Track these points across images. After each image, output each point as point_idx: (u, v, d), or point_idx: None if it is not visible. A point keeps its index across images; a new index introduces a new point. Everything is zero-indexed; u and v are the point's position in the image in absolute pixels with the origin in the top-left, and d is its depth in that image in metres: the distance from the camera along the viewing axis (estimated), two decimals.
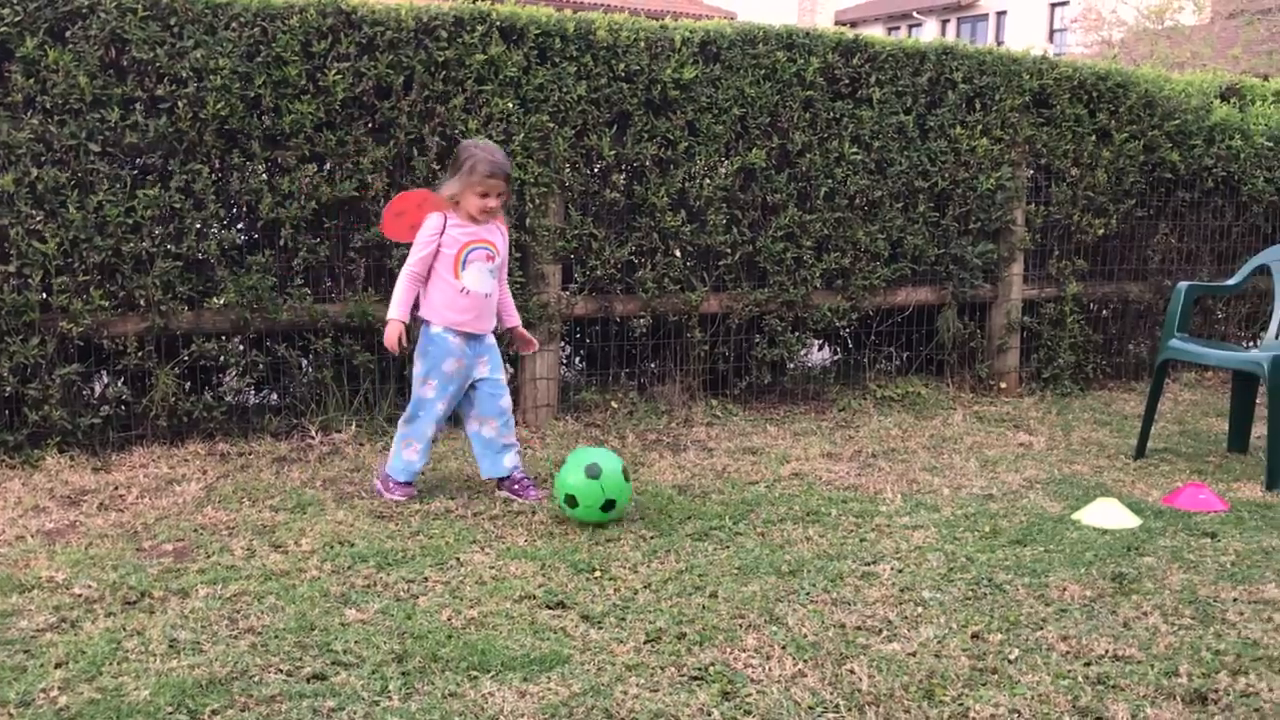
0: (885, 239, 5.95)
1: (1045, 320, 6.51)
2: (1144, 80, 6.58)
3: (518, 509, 4.10)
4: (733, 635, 3.01)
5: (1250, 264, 5.27)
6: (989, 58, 6.08)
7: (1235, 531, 4.02)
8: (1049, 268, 6.50)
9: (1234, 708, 2.65)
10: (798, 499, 4.33)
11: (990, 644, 3.01)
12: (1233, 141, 6.80)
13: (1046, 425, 5.74)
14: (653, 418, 5.48)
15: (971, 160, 6.09)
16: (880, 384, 6.21)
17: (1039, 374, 6.56)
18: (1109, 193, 6.50)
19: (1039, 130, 6.26)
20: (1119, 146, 6.46)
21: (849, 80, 5.76)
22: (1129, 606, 3.29)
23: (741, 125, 5.55)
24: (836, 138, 5.74)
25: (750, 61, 5.50)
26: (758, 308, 5.74)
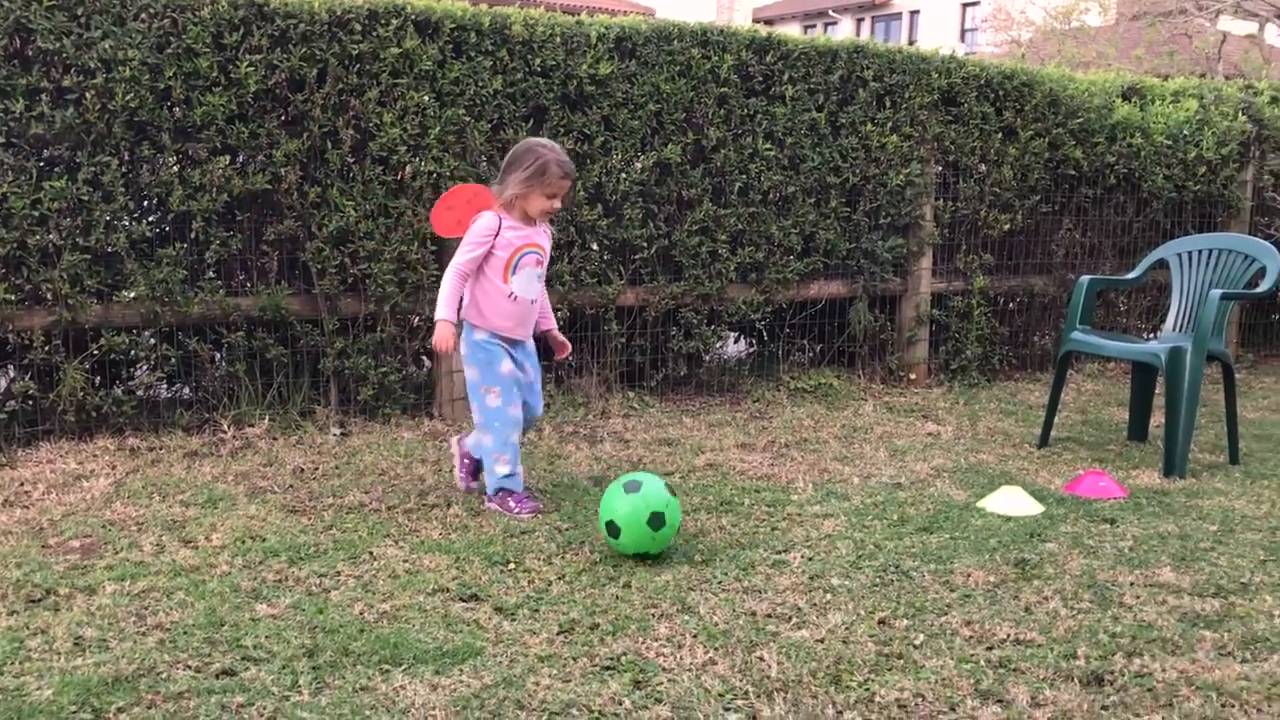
0: (798, 233, 6.04)
1: (953, 313, 6.66)
2: (1049, 79, 6.75)
3: (432, 503, 4.10)
4: (645, 625, 3.05)
5: (1149, 258, 5.44)
6: (899, 56, 6.20)
7: (1133, 517, 4.16)
8: (957, 262, 6.65)
9: (1128, 688, 2.76)
10: (712, 489, 4.38)
11: (896, 629, 3.09)
12: (1134, 139, 7.01)
13: (954, 415, 5.88)
14: (570, 410, 5.50)
15: (882, 157, 6.20)
16: (794, 376, 6.30)
17: (947, 365, 6.71)
18: (1015, 189, 6.67)
19: (947, 128, 6.39)
20: (1024, 144, 6.62)
21: (763, 77, 5.83)
22: (1030, 591, 3.39)
23: (657, 121, 5.59)
24: (750, 134, 5.81)
25: (665, 58, 5.55)
26: (674, 301, 5.79)
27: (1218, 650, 2.99)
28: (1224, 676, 2.81)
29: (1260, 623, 3.18)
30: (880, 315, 6.50)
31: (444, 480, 4.38)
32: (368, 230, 5.01)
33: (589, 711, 2.56)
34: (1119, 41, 21.52)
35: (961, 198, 6.56)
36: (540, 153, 3.88)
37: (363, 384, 5.12)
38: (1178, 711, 2.63)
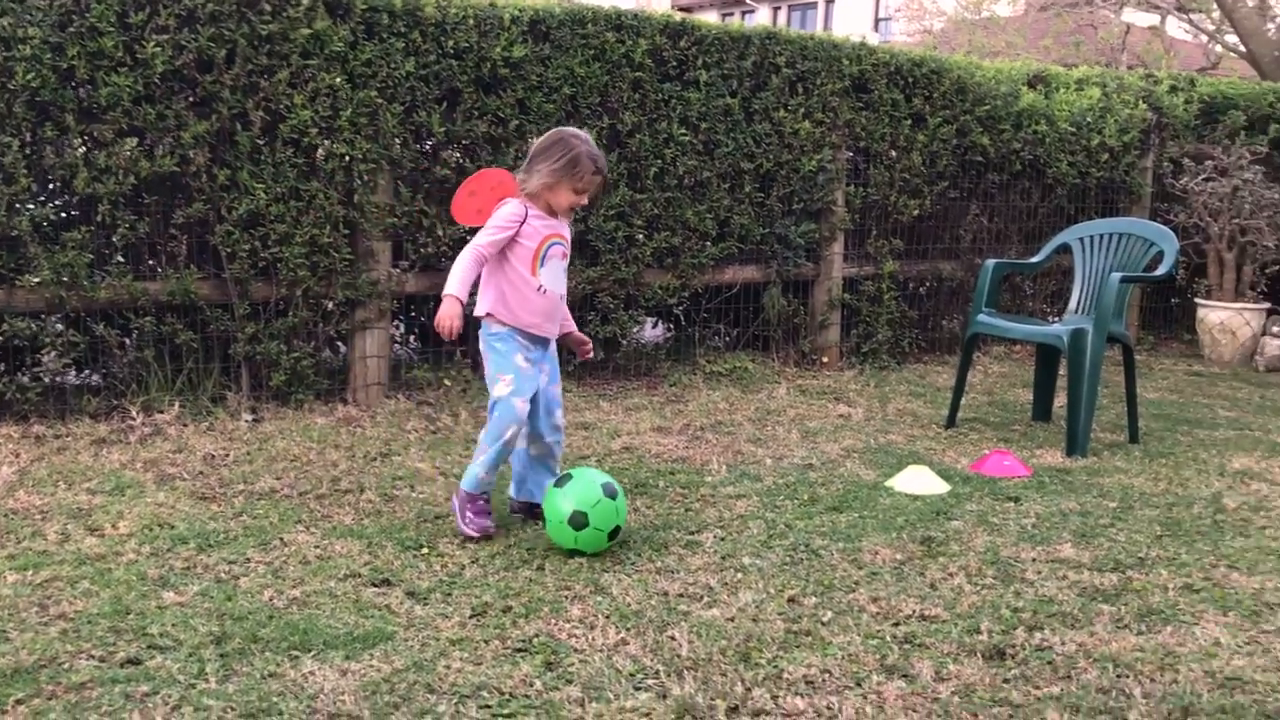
0: (713, 218, 6.08)
1: (864, 297, 6.76)
2: (956, 67, 6.87)
3: (344, 488, 4.07)
4: (558, 607, 3.07)
5: (1053, 242, 5.58)
6: (810, 43, 6.26)
7: (1036, 495, 4.28)
8: (867, 247, 6.75)
9: (1029, 661, 2.84)
10: (627, 472, 4.41)
11: (805, 607, 3.14)
12: (1039, 126, 7.17)
13: (865, 397, 5.98)
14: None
15: (794, 143, 6.26)
16: (710, 360, 6.35)
17: (858, 349, 6.81)
18: (923, 175, 6.79)
19: (858, 114, 6.48)
20: (933, 130, 6.74)
21: (677, 62, 5.86)
22: (936, 568, 3.47)
23: (572, 104, 5.59)
24: (665, 119, 5.84)
25: (580, 41, 5.54)
26: (590, 286, 5.80)
27: (1115, 623, 3.09)
28: (1120, 648, 2.91)
29: (1155, 596, 3.29)
30: (794, 300, 6.57)
31: (357, 466, 4.35)
32: (279, 213, 4.94)
33: (499, 693, 2.57)
34: (1027, 31, 21.91)
35: (872, 183, 6.66)
36: (573, 144, 3.63)
37: (275, 369, 5.06)
38: (1076, 683, 2.72)
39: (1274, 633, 3.05)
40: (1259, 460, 4.92)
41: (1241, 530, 3.93)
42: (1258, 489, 4.47)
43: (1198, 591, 3.34)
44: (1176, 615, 3.15)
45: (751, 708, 2.55)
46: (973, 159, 7.01)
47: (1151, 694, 2.66)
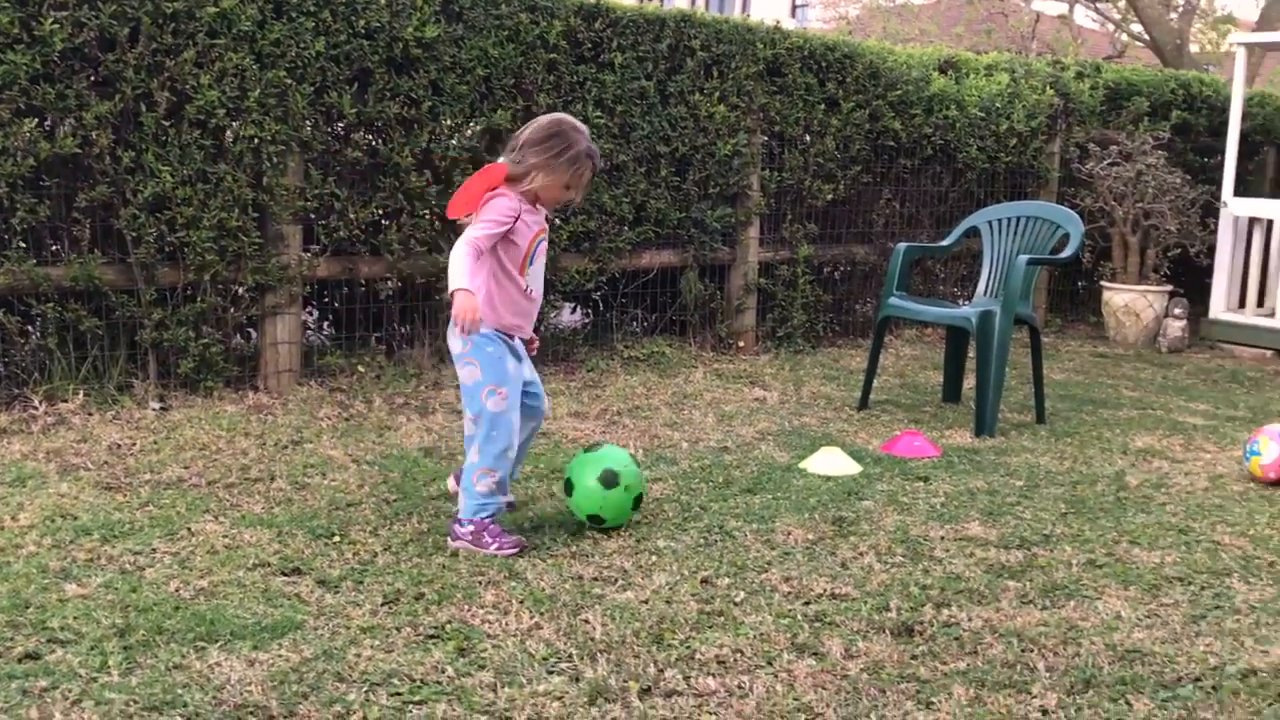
0: (630, 203, 6.08)
1: (780, 282, 6.82)
2: (869, 52, 6.94)
3: (254, 476, 4.00)
4: (471, 593, 3.05)
5: (962, 226, 5.68)
6: (725, 26, 6.28)
7: (945, 475, 4.36)
8: (783, 231, 6.80)
9: (937, 638, 2.89)
10: (543, 457, 4.40)
11: (719, 588, 3.17)
12: (949, 112, 7.28)
13: (780, 381, 6.03)
14: (401, 381, 5.43)
15: (710, 126, 6.28)
16: (627, 345, 6.35)
17: (774, 333, 6.87)
18: (837, 159, 6.85)
19: (773, 98, 6.51)
20: (846, 115, 6.80)
21: (592, 44, 5.83)
22: (847, 548, 3.52)
23: (486, 86, 5.54)
24: (581, 101, 5.81)
25: (493, 22, 5.49)
26: None
27: (1020, 599, 3.16)
28: (1025, 623, 2.98)
29: (1059, 572, 3.37)
30: (710, 284, 6.60)
31: (267, 454, 4.28)
32: (186, 196, 4.83)
33: (411, 680, 2.55)
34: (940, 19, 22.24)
35: (787, 168, 6.70)
36: (574, 139, 3.44)
37: (183, 356, 4.94)
38: (981, 658, 2.78)
39: (1172, 606, 3.14)
40: (1160, 438, 5.06)
41: (1143, 507, 4.04)
42: (1159, 466, 4.59)
43: (1100, 567, 3.43)
44: (1080, 590, 3.23)
45: (664, 689, 2.56)
46: (885, 144, 7.10)
47: (1055, 667, 2.73)
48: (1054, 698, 2.57)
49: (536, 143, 3.44)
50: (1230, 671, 2.72)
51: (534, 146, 3.43)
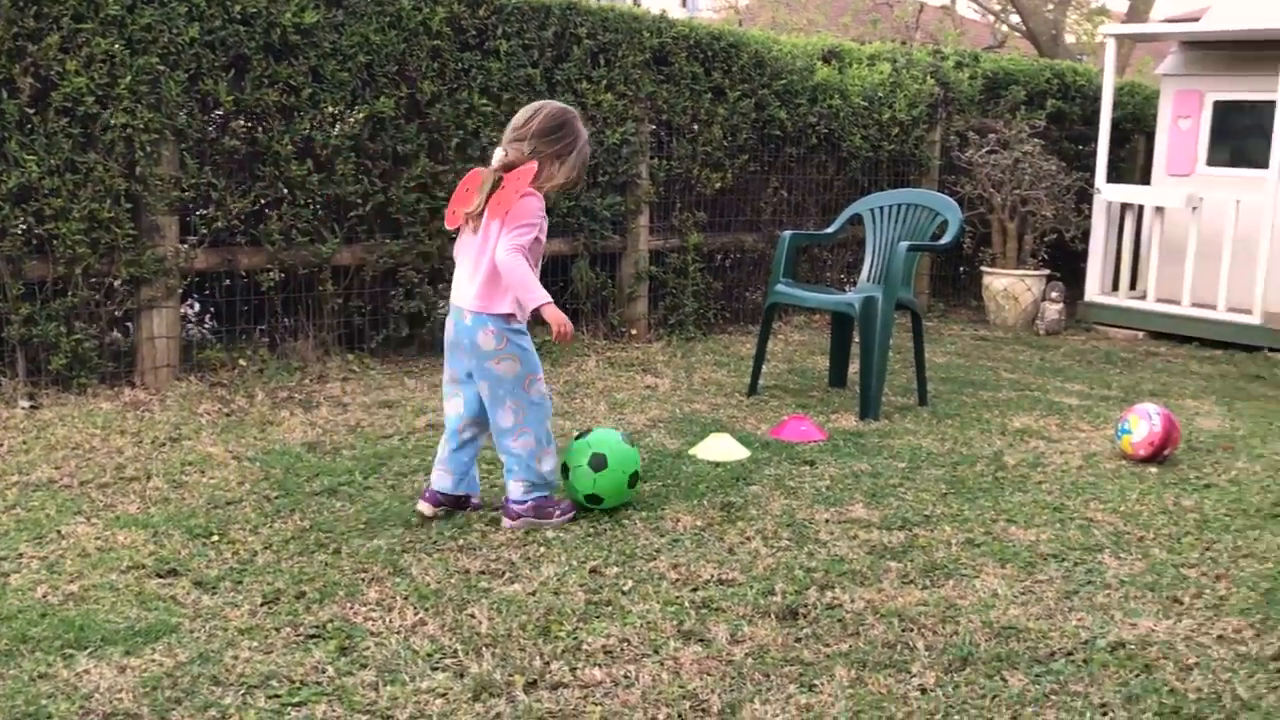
0: None
1: (670, 270, 6.84)
2: (754, 41, 6.99)
3: (130, 475, 3.88)
4: (354, 590, 3.00)
5: (845, 214, 5.76)
6: (611, 15, 6.26)
7: (831, 458, 4.42)
8: (673, 220, 6.82)
9: (820, 620, 2.93)
10: (431, 450, 4.32)
11: (607, 577, 3.17)
12: (833, 101, 7.37)
13: (671, 368, 6.05)
14: (285, 375, 5.32)
15: (598, 115, 6.26)
16: None
17: (666, 320, 6.89)
18: (724, 148, 6.89)
19: (660, 87, 6.52)
20: (733, 104, 6.85)
21: (476, 31, 5.77)
22: (735, 533, 3.55)
23: (368, 73, 5.44)
24: (466, 88, 5.74)
25: (375, 8, 5.39)
26: (393, 259, 5.68)
27: (901, 579, 3.22)
28: (906, 603, 3.04)
29: (940, 551, 3.44)
30: (602, 273, 6.59)
31: (144, 452, 4.15)
32: (54, 187, 4.65)
33: (290, 681, 2.50)
34: (828, 9, 22.49)
35: (675, 156, 6.72)
36: (578, 127, 3.48)
37: (54, 352, 4.77)
38: (863, 639, 2.82)
39: (1047, 582, 3.24)
40: (1037, 419, 5.20)
41: (1020, 486, 4.15)
42: (1035, 446, 4.72)
43: (978, 545, 3.51)
44: (958, 569, 3.30)
45: (550, 681, 2.55)
46: (771, 133, 7.16)
47: (934, 646, 2.79)
48: (932, 676, 2.62)
49: (548, 132, 3.43)
50: (1100, 645, 2.81)
51: (546, 137, 3.42)
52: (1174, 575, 3.30)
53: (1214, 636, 2.89)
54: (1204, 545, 3.57)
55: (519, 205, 3.37)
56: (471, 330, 3.49)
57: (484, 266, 3.45)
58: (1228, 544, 3.58)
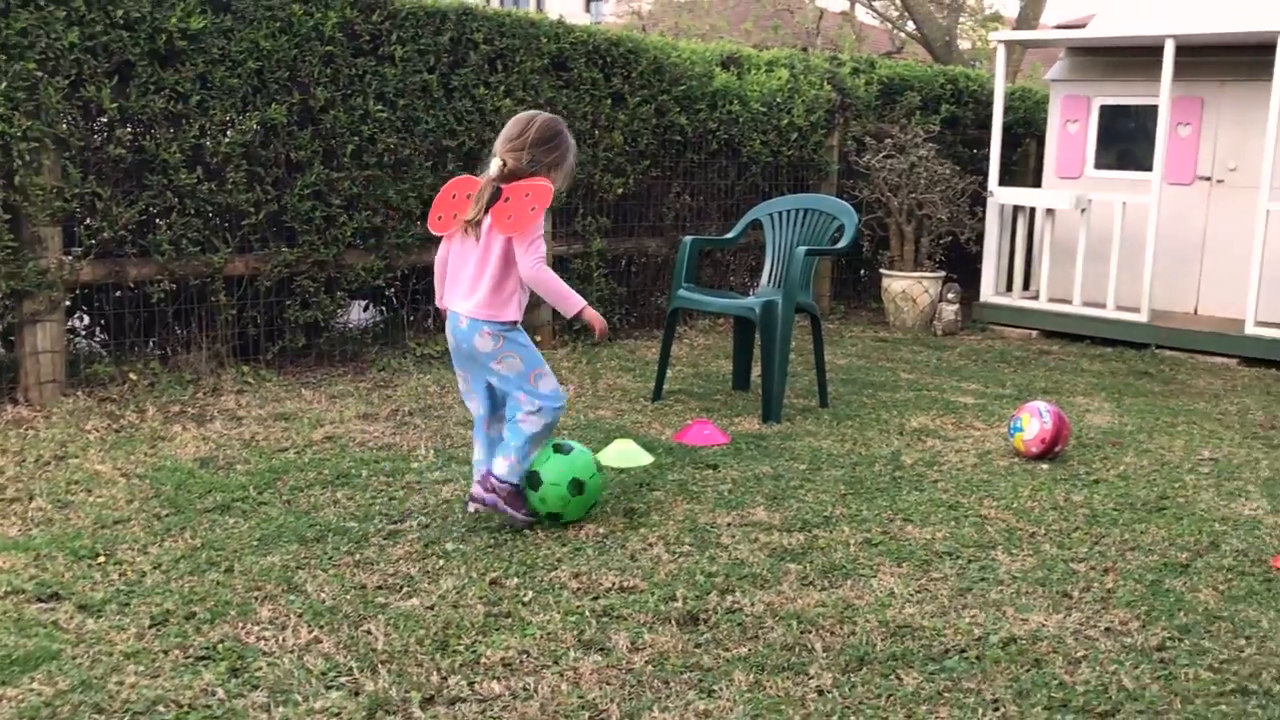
0: (417, 197, 5.96)
1: (574, 275, 6.82)
2: (653, 47, 7.01)
3: (10, 497, 3.74)
4: (246, 609, 2.93)
5: (745, 219, 5.80)
6: (508, 20, 6.23)
7: (734, 462, 4.44)
8: (575, 225, 6.80)
9: (720, 624, 2.94)
10: (329, 463, 4.27)
11: (507, 589, 3.14)
12: (732, 107, 7.43)
13: (576, 375, 6.03)
14: (177, 388, 5.19)
15: (497, 120, 6.21)
16: (421, 342, 6.24)
17: (571, 326, 6.86)
18: (626, 154, 6.89)
19: (559, 92, 6.50)
20: (633, 110, 6.85)
21: (370, 37, 5.69)
22: (637, 539, 3.55)
23: (259, 79, 5.33)
24: (360, 94, 5.66)
25: (264, 13, 5.28)
26: (288, 269, 5.57)
27: (800, 581, 3.25)
28: (804, 605, 3.06)
29: (838, 552, 3.48)
30: None
31: (26, 471, 4.01)
32: None
33: (178, 706, 2.43)
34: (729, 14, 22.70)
35: (577, 162, 6.69)
36: (568, 136, 3.61)
37: None
38: (762, 642, 2.84)
39: (941, 580, 3.29)
40: (934, 418, 5.29)
41: (917, 485, 4.22)
42: (932, 445, 4.80)
43: (876, 545, 3.55)
44: (856, 569, 3.34)
45: (447, 696, 2.52)
46: (672, 138, 7.18)
47: (831, 647, 2.81)
48: (830, 677, 2.64)
49: (544, 141, 3.52)
50: (993, 641, 2.86)
51: (543, 146, 3.52)
52: (1064, 570, 3.38)
53: (1101, 629, 2.96)
54: (1093, 540, 3.66)
55: (534, 225, 3.46)
56: (469, 334, 3.58)
57: (488, 276, 3.52)
58: (1115, 538, 3.68)
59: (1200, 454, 4.80)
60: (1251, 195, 7.37)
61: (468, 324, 3.57)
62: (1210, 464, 4.64)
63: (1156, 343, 7.40)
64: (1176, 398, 6.02)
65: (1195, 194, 7.82)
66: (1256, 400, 6.01)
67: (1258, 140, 7.36)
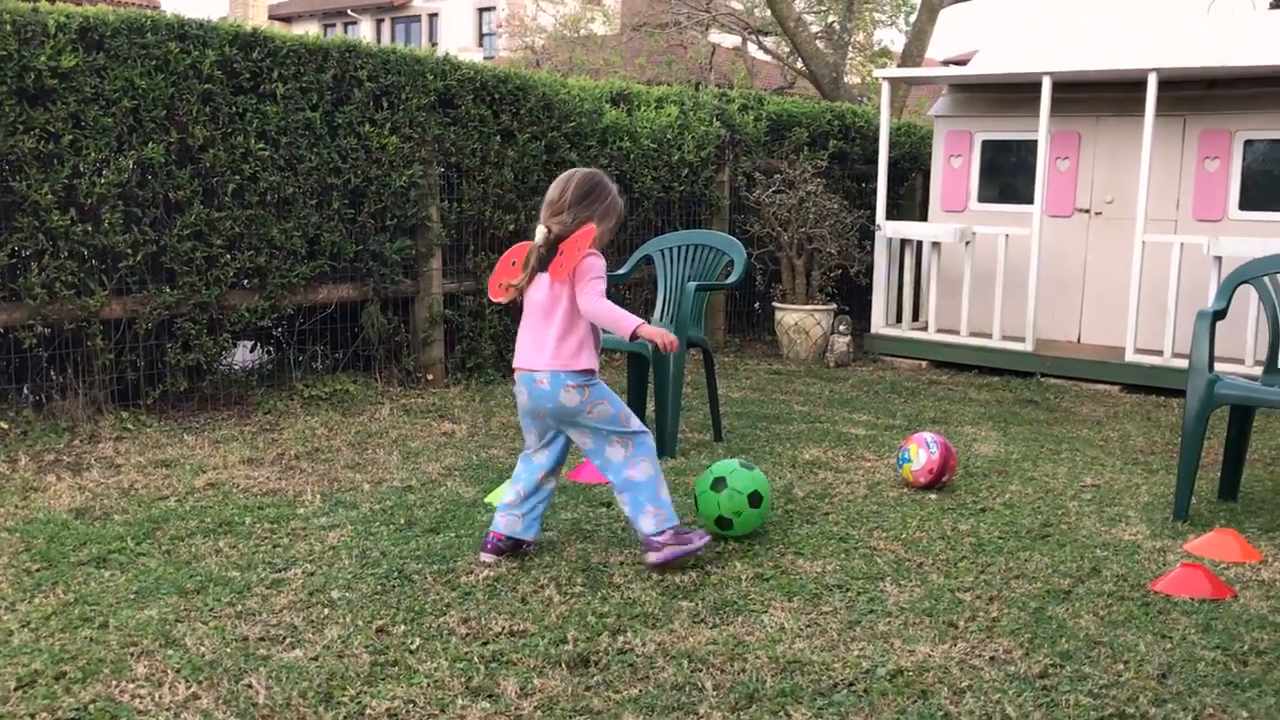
0: (301, 236, 5.86)
1: (466, 312, 6.77)
2: (542, 84, 7.02)
3: None
4: (121, 666, 2.82)
5: (636, 255, 5.81)
6: (393, 57, 6.18)
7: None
8: (466, 262, 6.75)
9: (611, 666, 2.91)
10: (211, 510, 4.15)
11: (394, 636, 3.07)
12: (623, 143, 7.47)
13: (470, 413, 5.97)
14: (52, 436, 5.00)
15: (383, 158, 6.16)
16: (308, 383, 6.12)
17: (464, 364, 6.81)
18: (516, 190, 6.88)
19: (447, 129, 6.46)
20: (523, 146, 6.85)
21: (250, 74, 5.59)
22: (528, 582, 3.50)
23: (134, 118, 5.20)
24: (241, 133, 5.56)
25: (140, 51, 5.16)
26: (168, 311, 5.43)
27: (692, 618, 3.23)
28: (695, 643, 3.04)
29: (730, 588, 3.47)
30: (394, 317, 6.47)
31: None
32: None
33: None
34: (624, 50, 22.92)
35: (466, 199, 6.66)
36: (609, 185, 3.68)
37: None
38: (653, 682, 2.81)
39: (831, 613, 3.30)
40: (826, 450, 5.34)
41: (808, 517, 4.24)
42: (824, 477, 4.85)
43: (767, 580, 3.56)
44: (748, 605, 3.34)
45: None
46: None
47: (721, 685, 2.80)
48: (719, 716, 2.63)
49: (582, 199, 3.61)
50: (880, 674, 2.88)
51: (582, 203, 3.60)
52: (950, 600, 3.42)
53: (986, 658, 3.00)
54: (979, 569, 3.72)
55: (583, 265, 3.55)
56: (552, 393, 3.62)
57: (555, 326, 3.61)
58: (1000, 566, 3.74)
59: (1083, 481, 4.92)
60: (1128, 226, 7.63)
61: (549, 382, 3.61)
62: (1092, 490, 4.76)
63: (1041, 371, 7.60)
64: (1060, 425, 6.17)
65: (1075, 226, 8.07)
66: (1137, 426, 6.19)
67: (1133, 173, 7.63)
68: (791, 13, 14.45)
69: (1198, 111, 7.53)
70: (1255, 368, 6.60)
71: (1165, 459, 5.36)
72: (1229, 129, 7.41)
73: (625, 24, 24.17)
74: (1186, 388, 4.33)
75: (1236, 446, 4.64)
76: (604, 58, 22.56)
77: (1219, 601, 3.44)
